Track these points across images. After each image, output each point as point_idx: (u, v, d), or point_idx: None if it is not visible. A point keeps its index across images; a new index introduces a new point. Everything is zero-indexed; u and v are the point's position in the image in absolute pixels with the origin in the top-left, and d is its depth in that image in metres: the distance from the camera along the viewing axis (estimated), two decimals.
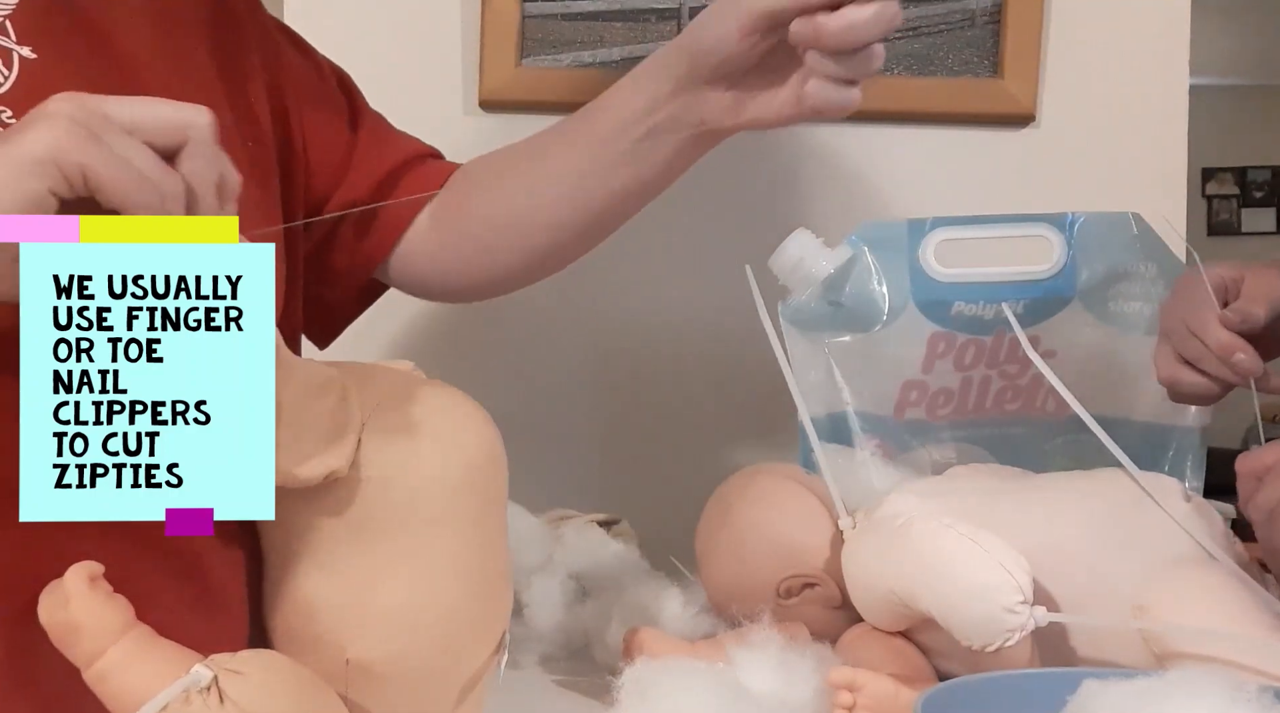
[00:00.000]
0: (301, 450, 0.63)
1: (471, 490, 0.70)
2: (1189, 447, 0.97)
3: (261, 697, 0.60)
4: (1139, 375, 0.98)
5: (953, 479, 0.91)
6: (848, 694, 0.73)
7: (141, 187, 0.55)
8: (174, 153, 0.58)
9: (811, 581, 0.89)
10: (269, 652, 0.65)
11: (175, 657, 0.61)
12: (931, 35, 1.34)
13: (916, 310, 1.00)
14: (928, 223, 1.00)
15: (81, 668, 0.61)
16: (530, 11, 1.30)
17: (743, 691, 0.75)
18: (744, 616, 0.85)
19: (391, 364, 0.73)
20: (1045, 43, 1.35)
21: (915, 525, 0.80)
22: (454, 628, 0.69)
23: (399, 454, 0.67)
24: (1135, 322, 0.99)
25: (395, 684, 0.67)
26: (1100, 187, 1.37)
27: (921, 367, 1.00)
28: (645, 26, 1.32)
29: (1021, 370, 1.00)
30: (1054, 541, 0.80)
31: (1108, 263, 0.99)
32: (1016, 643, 0.74)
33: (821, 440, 0.93)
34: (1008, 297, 0.99)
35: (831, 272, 0.99)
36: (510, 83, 1.31)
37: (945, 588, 0.76)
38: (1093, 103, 1.37)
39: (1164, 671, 0.66)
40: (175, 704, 0.59)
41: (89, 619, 0.60)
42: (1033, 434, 1.01)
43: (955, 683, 0.70)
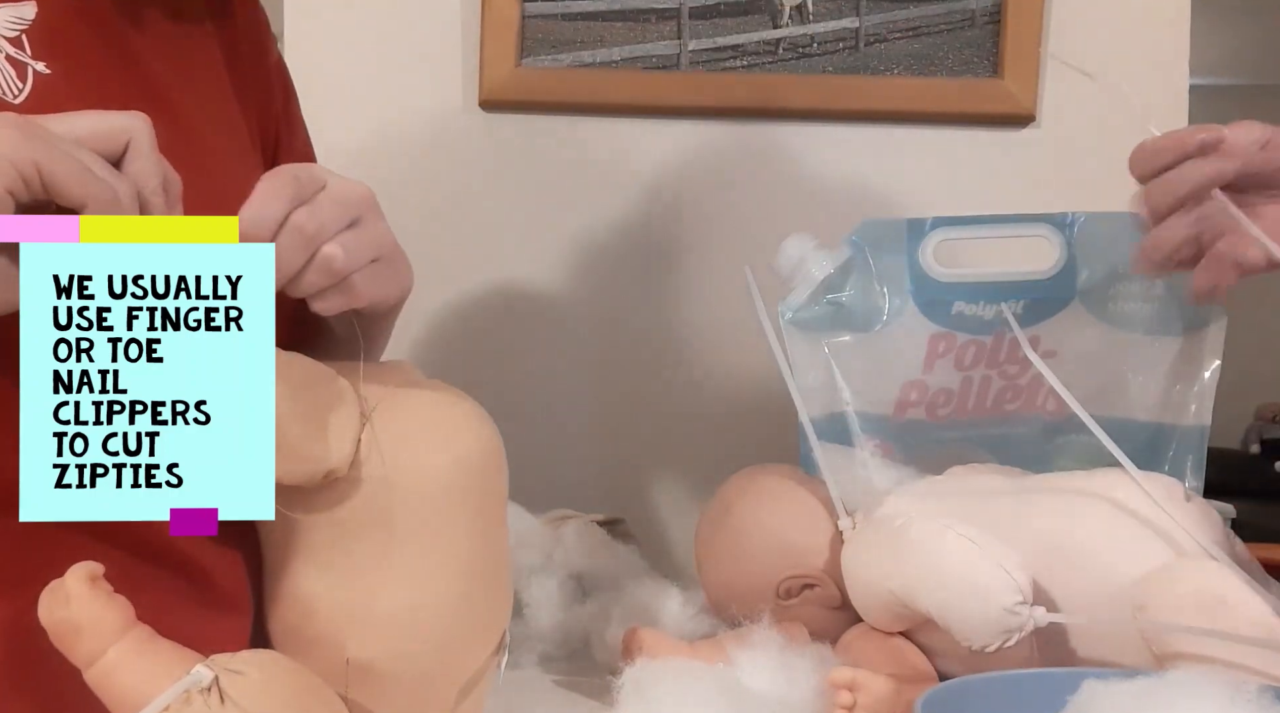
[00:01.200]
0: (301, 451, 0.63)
1: (471, 490, 0.70)
2: (1189, 447, 0.97)
3: (262, 697, 0.60)
4: (1139, 375, 0.98)
5: (952, 480, 0.91)
6: (848, 694, 0.73)
7: (98, 183, 0.56)
8: (117, 159, 0.59)
9: (811, 581, 0.89)
10: (269, 652, 0.65)
11: (176, 657, 0.61)
12: (931, 35, 1.34)
13: (916, 310, 1.00)
14: (928, 223, 1.00)
15: (82, 668, 0.61)
16: (530, 11, 1.30)
17: (743, 691, 0.75)
18: (744, 616, 0.85)
19: (390, 363, 0.73)
20: (1045, 43, 1.35)
21: (914, 527, 0.80)
22: (454, 628, 0.69)
23: (399, 454, 0.67)
24: (1135, 322, 0.99)
25: (395, 684, 0.67)
26: (1100, 187, 1.37)
27: (921, 367, 1.00)
28: (645, 26, 1.32)
29: (1021, 370, 1.00)
30: (1053, 541, 0.80)
31: (1108, 263, 0.99)
32: (1016, 643, 0.75)
33: (822, 441, 0.93)
34: (1008, 297, 0.99)
35: (831, 272, 0.99)
36: (510, 83, 1.31)
37: (944, 589, 0.76)
38: (1093, 103, 1.37)
39: (1164, 671, 0.66)
40: (176, 705, 0.59)
41: (90, 619, 0.60)
42: (1033, 434, 1.01)
43: (955, 683, 0.70)
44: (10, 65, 0.69)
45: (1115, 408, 0.98)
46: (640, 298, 1.36)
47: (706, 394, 1.35)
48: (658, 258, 1.36)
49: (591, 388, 1.35)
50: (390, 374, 0.71)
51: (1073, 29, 1.35)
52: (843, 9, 1.34)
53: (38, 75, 0.70)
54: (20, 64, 0.70)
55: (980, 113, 1.35)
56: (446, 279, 1.33)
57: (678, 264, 1.36)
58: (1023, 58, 1.33)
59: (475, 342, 1.34)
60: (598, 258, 1.36)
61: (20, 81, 0.69)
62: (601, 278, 1.36)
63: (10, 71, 0.69)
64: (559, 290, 1.36)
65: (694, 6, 1.32)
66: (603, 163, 1.35)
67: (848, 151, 1.36)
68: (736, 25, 1.33)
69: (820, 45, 1.34)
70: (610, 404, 1.35)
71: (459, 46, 1.32)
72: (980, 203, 1.26)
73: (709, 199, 1.36)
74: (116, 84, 0.73)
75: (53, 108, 0.58)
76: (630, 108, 1.33)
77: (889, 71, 1.35)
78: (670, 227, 1.36)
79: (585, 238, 1.36)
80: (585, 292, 1.36)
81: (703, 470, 1.06)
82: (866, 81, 1.34)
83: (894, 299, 1.00)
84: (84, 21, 0.73)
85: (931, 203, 1.25)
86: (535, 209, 1.34)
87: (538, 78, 1.31)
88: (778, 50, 1.34)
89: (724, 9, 1.33)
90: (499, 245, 1.35)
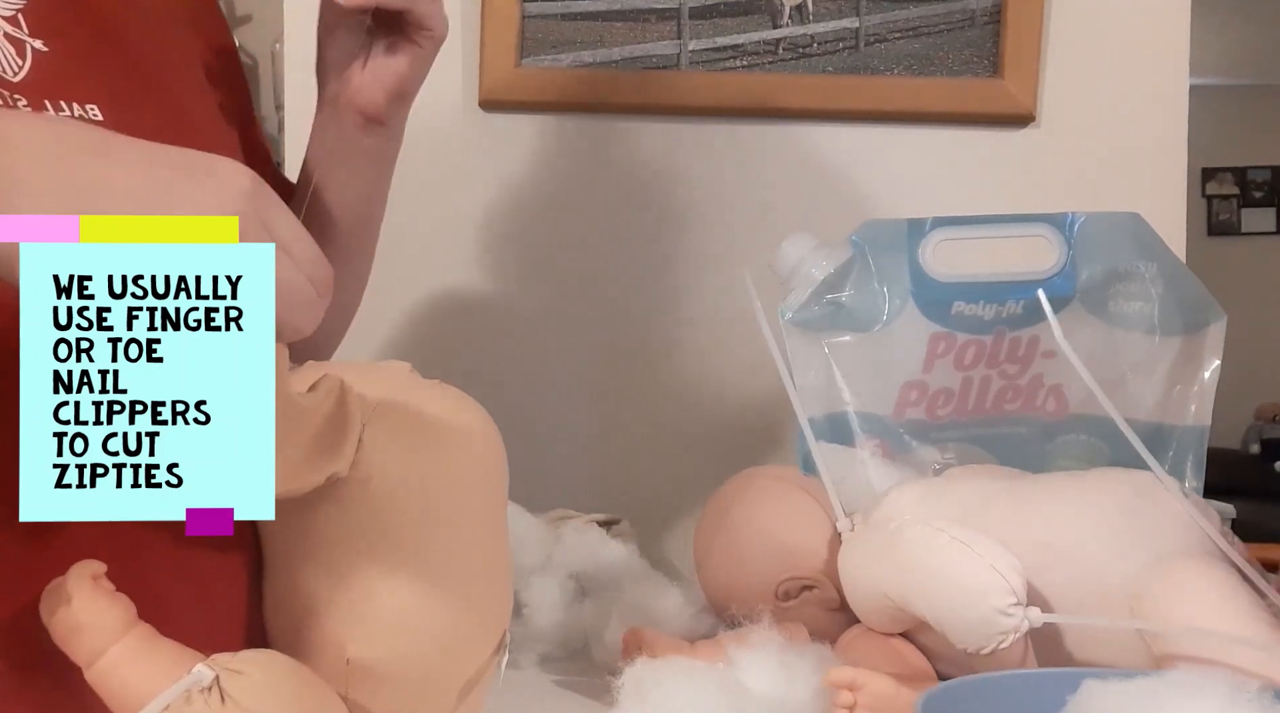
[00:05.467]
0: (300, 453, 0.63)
1: (471, 491, 0.70)
2: (1189, 447, 0.97)
3: (262, 696, 0.60)
4: (1139, 375, 0.98)
5: (950, 480, 0.91)
6: (848, 694, 0.73)
7: (318, 257, 0.59)
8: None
9: (809, 583, 0.89)
10: (269, 652, 0.65)
11: (176, 656, 0.61)
12: (931, 35, 1.34)
13: (916, 310, 1.00)
14: (928, 223, 1.00)
15: (83, 667, 0.61)
16: (530, 11, 1.30)
17: (742, 691, 0.75)
18: (744, 616, 0.85)
19: (389, 364, 0.73)
20: (1045, 43, 1.35)
21: (908, 529, 0.81)
22: (454, 628, 0.69)
23: (399, 455, 0.67)
24: (1135, 322, 0.99)
25: (395, 684, 0.67)
26: (1100, 187, 1.37)
27: (921, 367, 1.00)
28: (645, 26, 1.32)
29: (1021, 370, 1.00)
30: (1050, 540, 0.80)
31: (1108, 263, 0.99)
32: (1011, 645, 0.74)
33: (822, 441, 0.93)
34: (1008, 297, 0.99)
35: (831, 272, 0.99)
36: (510, 83, 1.31)
37: (938, 591, 0.76)
38: (1093, 103, 1.37)
39: (1164, 671, 0.66)
40: (177, 704, 0.59)
41: (90, 618, 0.60)
42: (1033, 434, 1.01)
43: (955, 683, 0.70)
44: (9, 44, 0.70)
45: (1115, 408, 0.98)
46: (640, 298, 1.36)
47: (707, 394, 1.35)
48: (658, 258, 1.36)
49: (591, 388, 1.35)
50: (389, 374, 0.71)
51: (1073, 29, 1.36)
52: (843, 9, 1.34)
53: (36, 53, 0.70)
54: (19, 42, 0.70)
55: (980, 113, 1.35)
56: (446, 279, 1.33)
57: (678, 264, 1.36)
58: (1023, 58, 1.33)
59: (475, 341, 1.34)
60: (597, 258, 1.36)
61: (20, 59, 0.70)
62: (601, 278, 1.36)
63: (10, 50, 0.70)
64: (559, 290, 1.36)
65: (694, 6, 1.32)
66: (603, 163, 1.35)
67: (848, 151, 1.36)
68: (736, 25, 1.33)
69: (820, 45, 1.34)
70: (610, 405, 1.35)
71: (459, 46, 1.32)
72: (980, 203, 1.26)
73: (709, 199, 1.36)
74: (111, 64, 0.74)
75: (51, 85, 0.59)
76: (630, 108, 1.33)
77: (889, 71, 1.35)
78: (670, 227, 1.36)
79: (585, 238, 1.36)
80: (585, 291, 1.36)
81: (702, 471, 1.06)
82: (866, 81, 1.34)
83: (894, 299, 1.00)
84: (75, 1, 0.74)
85: (931, 203, 1.25)
86: (535, 209, 1.34)
87: (538, 78, 1.31)
88: (778, 50, 1.34)
89: (724, 9, 1.33)
90: (499, 245, 1.35)
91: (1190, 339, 0.97)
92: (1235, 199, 5.75)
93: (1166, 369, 0.98)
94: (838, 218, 1.17)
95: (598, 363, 1.35)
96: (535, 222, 1.35)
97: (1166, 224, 1.06)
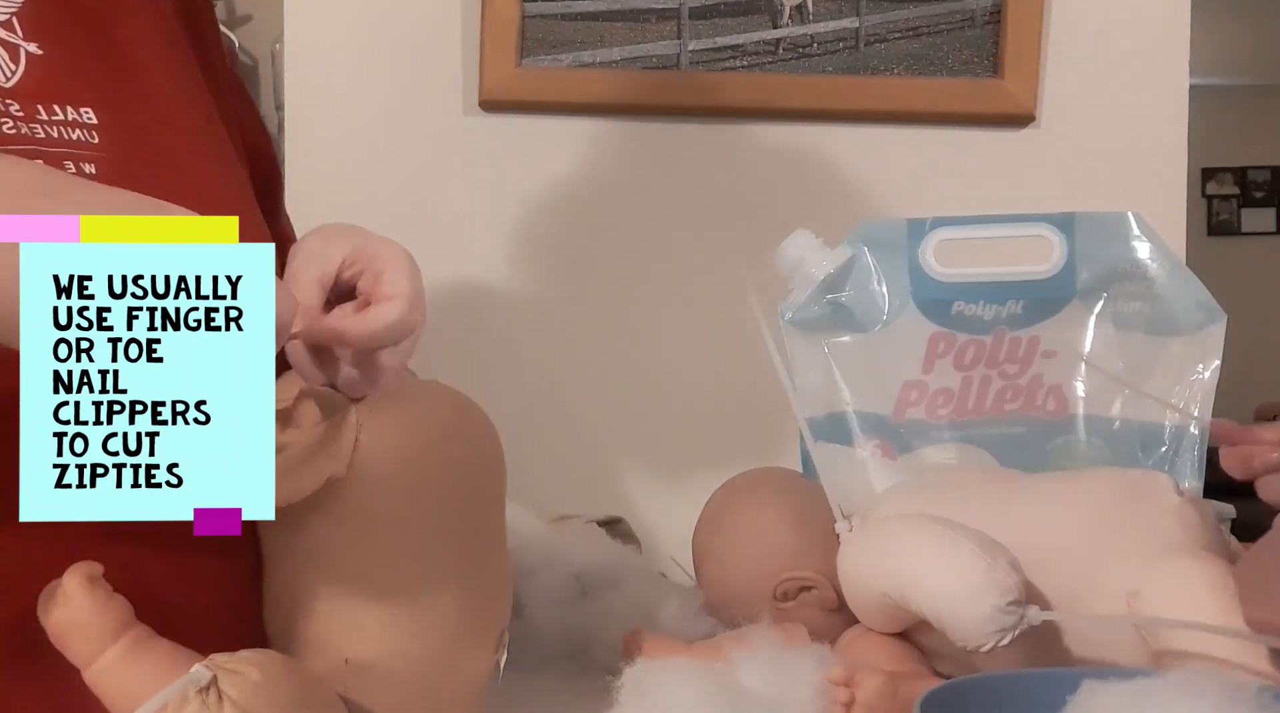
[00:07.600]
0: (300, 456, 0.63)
1: (471, 490, 0.70)
2: (1189, 447, 0.97)
3: (261, 697, 0.60)
4: (1139, 375, 0.98)
5: (947, 480, 0.91)
6: (846, 691, 0.73)
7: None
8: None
9: (808, 583, 0.89)
10: (267, 652, 0.65)
11: (174, 657, 0.61)
12: (931, 35, 1.34)
13: (916, 310, 1.00)
14: (928, 223, 1.00)
15: (81, 668, 0.61)
16: (530, 11, 1.30)
17: (742, 691, 0.75)
18: (743, 616, 0.85)
19: None
20: (1045, 43, 1.35)
21: (907, 528, 0.81)
22: (453, 628, 0.69)
23: (397, 455, 0.67)
24: (1135, 322, 0.99)
25: (393, 684, 0.67)
26: (1100, 187, 1.37)
27: (921, 367, 1.00)
28: (645, 26, 1.32)
29: (1021, 370, 1.00)
30: (1047, 539, 0.80)
31: (1108, 263, 0.99)
32: (1010, 644, 0.74)
33: (822, 441, 0.93)
34: (1008, 297, 0.99)
35: (831, 272, 0.99)
36: (510, 83, 1.31)
37: (937, 590, 0.76)
38: (1093, 103, 1.37)
39: (1164, 671, 0.66)
40: (174, 704, 0.59)
41: (89, 619, 0.60)
42: (1033, 434, 1.01)
43: (955, 683, 0.70)
44: (2, 48, 0.70)
45: (1115, 408, 0.98)
46: (640, 297, 1.36)
47: (707, 394, 1.35)
48: (658, 258, 1.36)
49: (591, 388, 1.35)
50: None
51: (1073, 29, 1.36)
52: (843, 9, 1.34)
53: (30, 56, 0.70)
54: (12, 46, 0.70)
55: (980, 113, 1.35)
56: (445, 279, 1.33)
57: (678, 264, 1.36)
58: (1023, 58, 1.34)
59: (474, 341, 1.34)
60: (597, 258, 1.36)
61: (13, 64, 0.70)
62: (601, 278, 1.36)
63: (3, 54, 0.70)
64: (559, 290, 1.36)
65: (694, 6, 1.32)
66: (603, 163, 1.35)
67: (847, 151, 1.36)
68: (736, 25, 1.33)
69: (820, 45, 1.34)
70: (610, 405, 1.35)
71: (459, 46, 1.32)
72: (980, 203, 1.26)
73: (708, 199, 1.36)
74: (103, 67, 0.74)
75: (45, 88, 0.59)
76: (630, 108, 1.33)
77: (889, 71, 1.35)
78: (670, 226, 1.36)
79: (585, 238, 1.36)
80: (585, 291, 1.36)
81: (702, 471, 1.06)
82: (866, 81, 1.34)
83: (894, 299, 1.00)
84: (69, 4, 0.74)
85: (931, 203, 1.25)
86: (535, 209, 1.34)
87: (538, 78, 1.31)
88: (777, 50, 1.34)
89: (724, 9, 1.33)
90: (499, 245, 1.35)
91: (1190, 339, 0.97)
92: (1235, 199, 5.76)
93: (1166, 369, 0.98)
94: (838, 218, 1.17)
95: (598, 363, 1.35)
96: (535, 222, 1.35)
97: (1166, 224, 1.06)
